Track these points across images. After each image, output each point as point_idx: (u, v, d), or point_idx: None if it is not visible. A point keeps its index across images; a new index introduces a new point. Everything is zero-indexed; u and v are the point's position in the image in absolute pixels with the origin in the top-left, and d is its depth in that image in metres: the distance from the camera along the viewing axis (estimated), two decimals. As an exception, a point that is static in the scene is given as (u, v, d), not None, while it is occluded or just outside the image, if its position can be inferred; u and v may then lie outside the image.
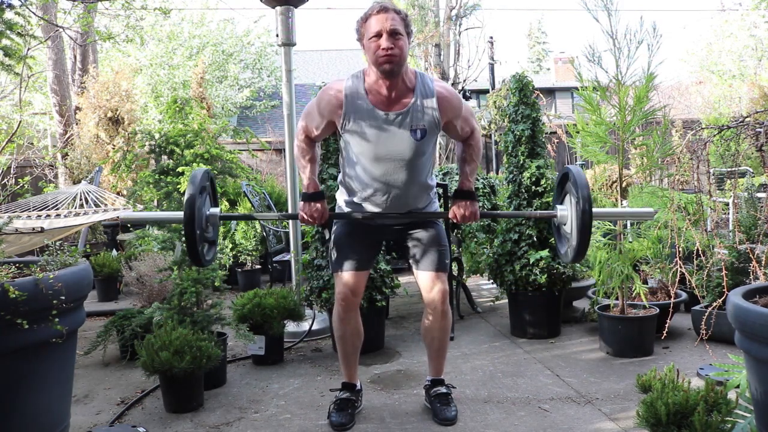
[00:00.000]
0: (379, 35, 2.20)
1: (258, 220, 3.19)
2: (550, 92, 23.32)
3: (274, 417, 2.63)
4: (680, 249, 3.07)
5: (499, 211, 3.46)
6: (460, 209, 2.39)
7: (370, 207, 2.45)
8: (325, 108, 2.34)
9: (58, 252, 2.30)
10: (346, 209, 2.53)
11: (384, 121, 2.29)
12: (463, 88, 12.01)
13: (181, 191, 2.96)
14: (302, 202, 2.38)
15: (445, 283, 2.48)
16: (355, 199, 2.48)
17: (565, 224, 2.32)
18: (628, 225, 3.66)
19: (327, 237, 3.38)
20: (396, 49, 2.20)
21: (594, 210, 2.17)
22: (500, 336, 3.79)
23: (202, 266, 2.53)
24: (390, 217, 2.46)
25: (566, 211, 2.30)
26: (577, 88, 3.43)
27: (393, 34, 2.20)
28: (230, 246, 5.63)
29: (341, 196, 2.55)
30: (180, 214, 2.22)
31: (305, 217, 2.37)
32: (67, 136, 7.83)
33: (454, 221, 2.42)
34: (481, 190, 4.57)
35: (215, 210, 2.33)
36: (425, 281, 2.47)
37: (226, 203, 6.48)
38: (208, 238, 2.33)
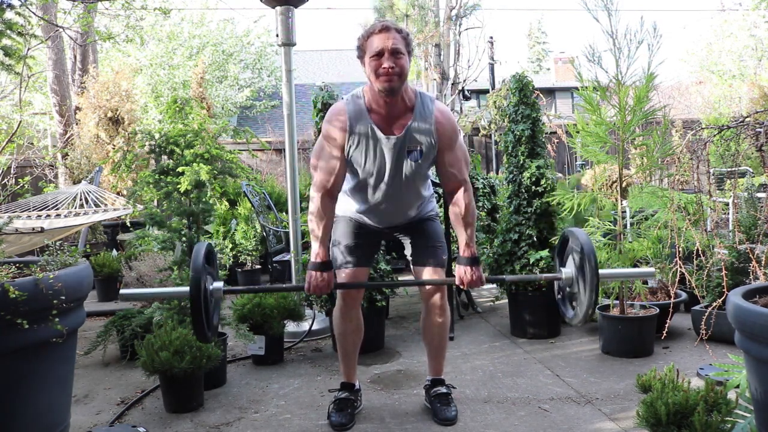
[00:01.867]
0: (380, 54, 2.19)
1: (263, 292, 3.15)
2: (550, 92, 23.33)
3: (274, 417, 2.63)
4: (680, 249, 3.07)
5: (504, 276, 3.43)
6: (467, 275, 2.34)
7: (370, 215, 2.50)
8: (338, 139, 2.29)
9: (58, 252, 2.30)
10: (347, 212, 2.55)
11: (385, 143, 2.30)
12: (463, 88, 12.00)
13: (181, 191, 2.96)
14: (310, 271, 2.31)
15: (442, 278, 2.49)
16: (356, 210, 2.52)
17: (570, 286, 2.26)
18: (629, 225, 3.66)
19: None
20: (397, 68, 2.20)
21: (600, 271, 2.11)
22: (500, 336, 3.79)
23: (208, 342, 2.47)
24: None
25: (570, 273, 2.25)
26: (577, 88, 3.43)
27: (394, 53, 2.20)
28: (230, 246, 5.64)
29: (343, 204, 2.56)
30: (184, 289, 2.15)
31: (312, 287, 2.30)
32: (67, 136, 7.82)
33: (461, 287, 2.39)
34: (481, 190, 4.57)
35: (218, 284, 2.22)
36: (423, 277, 2.49)
37: (226, 203, 6.48)
38: (212, 313, 2.23)
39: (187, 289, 2.06)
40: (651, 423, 1.97)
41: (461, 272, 2.35)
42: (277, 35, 3.96)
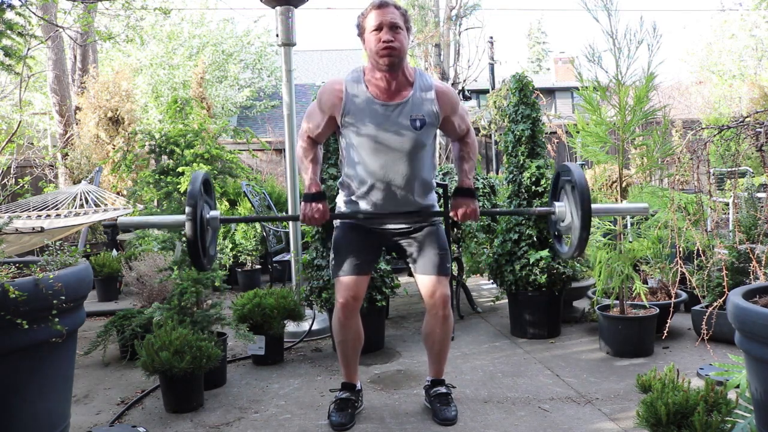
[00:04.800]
0: (379, 28, 2.24)
1: (258, 222, 3.16)
2: (550, 92, 23.32)
3: (274, 417, 2.63)
4: (680, 249, 3.07)
5: (498, 209, 3.48)
6: (461, 207, 2.40)
7: (369, 205, 2.43)
8: (326, 103, 2.36)
9: (58, 252, 2.30)
10: (345, 209, 2.52)
11: (383, 111, 2.30)
12: (463, 88, 12.00)
13: (182, 191, 2.96)
14: (304, 203, 2.38)
15: (446, 287, 2.47)
16: (354, 197, 2.46)
17: (563, 220, 2.32)
18: (629, 225, 3.66)
19: (324, 236, 3.37)
20: (396, 42, 2.23)
21: (593, 206, 2.17)
22: (500, 336, 3.79)
23: (204, 270, 2.50)
24: (390, 216, 2.44)
25: (564, 207, 2.31)
26: (577, 88, 3.43)
27: (393, 27, 2.24)
28: (230, 246, 5.63)
29: (341, 197, 2.55)
30: (181, 217, 2.19)
31: (307, 217, 2.37)
32: (67, 136, 7.83)
33: (455, 219, 2.42)
34: (481, 190, 4.57)
35: (215, 213, 2.31)
36: (426, 286, 2.46)
37: (226, 203, 6.48)
38: (209, 242, 2.31)
39: (183, 216, 2.10)
40: (651, 423, 1.97)
41: (457, 204, 2.42)
42: (277, 35, 3.96)
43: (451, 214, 2.44)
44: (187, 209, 2.08)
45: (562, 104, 23.08)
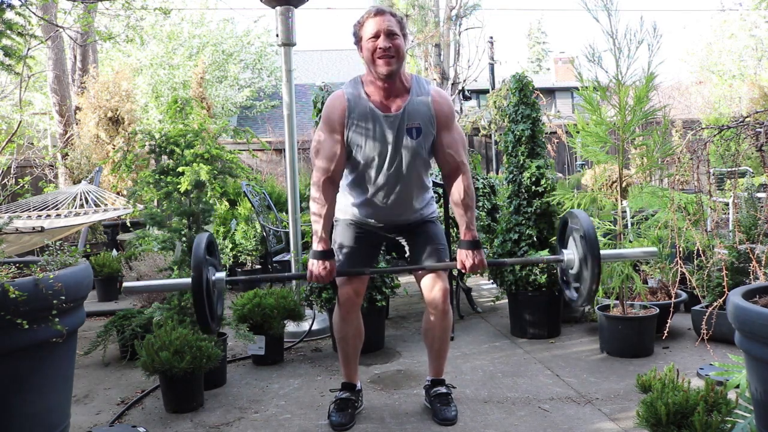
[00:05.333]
0: (376, 36, 2.24)
1: (263, 282, 3.13)
2: (550, 92, 23.32)
3: (274, 417, 2.63)
4: (680, 249, 3.07)
5: (506, 260, 3.44)
6: (468, 259, 2.36)
7: (368, 214, 2.48)
8: (338, 120, 2.31)
9: (58, 252, 2.30)
10: (345, 215, 2.54)
11: (384, 121, 2.30)
12: (463, 88, 12.00)
13: (182, 191, 2.96)
14: (311, 260, 2.31)
15: (445, 281, 2.48)
16: (353, 204, 2.49)
17: (571, 268, 2.27)
18: (629, 225, 3.65)
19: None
20: (393, 49, 2.23)
21: (601, 252, 2.13)
22: (500, 336, 3.79)
23: (212, 334, 2.48)
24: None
25: (572, 255, 2.25)
26: (577, 88, 3.43)
27: (390, 34, 2.24)
28: (230, 246, 5.64)
29: (343, 200, 2.55)
30: (186, 281, 2.16)
31: (315, 275, 2.31)
32: (67, 136, 7.82)
33: (463, 271, 2.40)
34: (481, 190, 4.57)
35: (220, 275, 2.22)
36: (426, 280, 2.47)
37: (226, 203, 6.48)
38: (215, 303, 2.23)
39: (189, 280, 2.07)
40: (651, 423, 1.97)
41: (463, 256, 2.36)
42: (277, 35, 3.96)
43: (458, 266, 2.38)
44: (193, 275, 2.03)
45: (562, 104, 23.08)
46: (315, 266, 2.31)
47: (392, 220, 2.50)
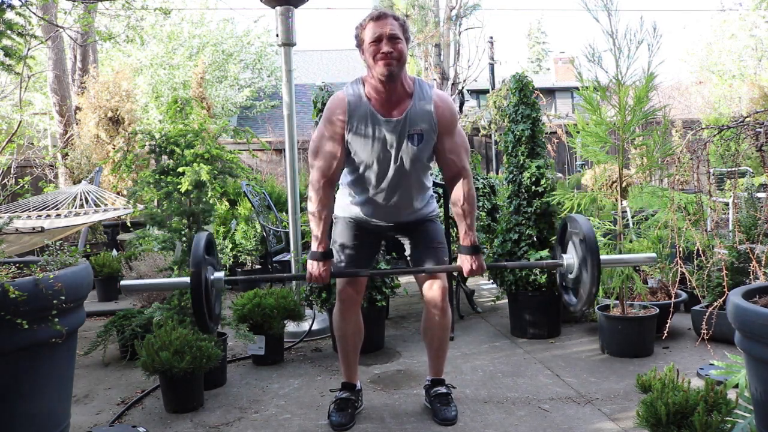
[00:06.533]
0: (378, 40, 2.22)
1: (263, 282, 3.14)
2: (550, 92, 23.32)
3: (274, 417, 2.63)
4: (680, 249, 3.07)
5: (505, 263, 3.45)
6: (468, 264, 2.36)
7: (370, 209, 2.47)
8: (338, 122, 2.31)
9: (58, 252, 2.30)
10: (347, 212, 2.54)
11: (385, 125, 2.29)
12: (463, 88, 12.00)
13: (182, 191, 2.96)
14: (310, 261, 2.32)
15: (444, 280, 2.48)
16: (354, 204, 2.49)
17: (571, 272, 2.26)
18: (630, 224, 3.66)
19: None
20: (395, 53, 2.21)
21: (601, 257, 2.12)
22: (500, 336, 3.79)
23: (210, 333, 2.48)
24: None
25: (572, 259, 2.25)
26: (577, 88, 3.43)
27: (392, 38, 2.22)
28: (230, 246, 5.64)
29: (342, 198, 2.55)
30: (185, 280, 2.16)
31: (314, 276, 2.31)
32: (67, 136, 7.83)
33: (463, 276, 2.41)
34: (481, 190, 4.57)
35: (219, 274, 2.22)
36: (424, 279, 2.47)
37: (226, 203, 6.48)
38: (214, 303, 2.23)
39: (188, 279, 2.06)
40: (651, 423, 1.97)
41: (463, 261, 2.37)
42: (277, 35, 3.96)
43: (458, 273, 2.41)
44: (192, 274, 2.03)
45: (562, 104, 23.08)
46: (314, 267, 2.31)
47: (392, 219, 2.50)
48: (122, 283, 2.23)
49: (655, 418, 1.95)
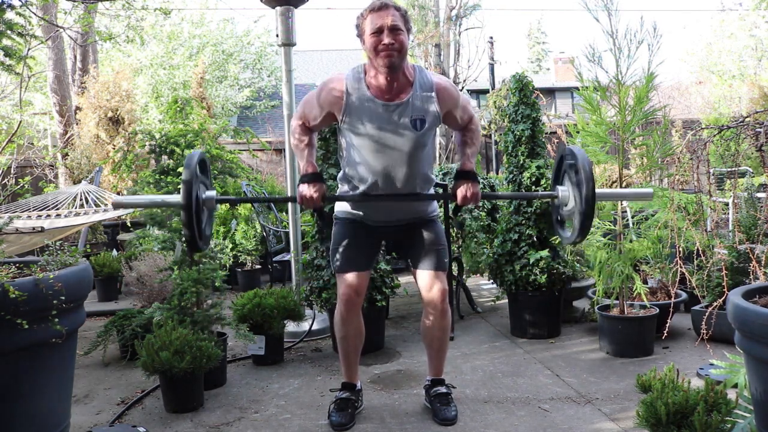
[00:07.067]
0: (380, 31, 2.22)
1: (255, 202, 3.15)
2: (550, 92, 23.30)
3: (274, 417, 2.63)
4: (680, 249, 3.07)
5: (499, 193, 3.48)
6: (462, 190, 2.37)
7: (371, 208, 2.46)
8: (326, 100, 2.34)
9: (58, 252, 2.30)
10: (347, 217, 2.52)
11: (384, 112, 2.29)
12: (462, 88, 12.00)
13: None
14: (300, 184, 2.33)
15: (444, 282, 2.48)
16: (358, 191, 2.45)
17: (566, 205, 2.26)
18: (630, 224, 3.66)
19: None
20: (397, 44, 2.22)
21: (596, 191, 2.11)
22: (500, 336, 3.79)
23: (200, 250, 2.48)
24: (390, 198, 2.43)
25: (567, 191, 2.24)
26: (577, 88, 3.43)
27: (393, 29, 2.22)
28: (230, 246, 5.63)
29: (343, 202, 2.54)
30: (176, 197, 2.14)
31: (304, 198, 2.31)
32: (67, 136, 7.83)
33: (457, 202, 2.40)
34: (481, 191, 4.57)
35: (210, 193, 2.22)
36: (424, 280, 2.47)
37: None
38: (204, 222, 2.23)
39: (179, 197, 2.05)
40: (651, 423, 1.97)
41: (458, 186, 2.39)
42: (277, 35, 3.96)
43: (452, 198, 2.42)
44: (183, 191, 2.02)
45: (562, 104, 23.07)
46: (305, 189, 2.31)
47: (393, 218, 2.49)
48: (114, 198, 2.23)
49: (655, 418, 1.95)
